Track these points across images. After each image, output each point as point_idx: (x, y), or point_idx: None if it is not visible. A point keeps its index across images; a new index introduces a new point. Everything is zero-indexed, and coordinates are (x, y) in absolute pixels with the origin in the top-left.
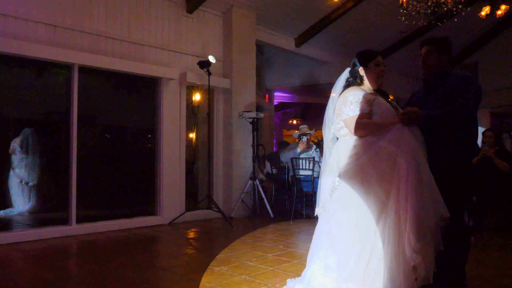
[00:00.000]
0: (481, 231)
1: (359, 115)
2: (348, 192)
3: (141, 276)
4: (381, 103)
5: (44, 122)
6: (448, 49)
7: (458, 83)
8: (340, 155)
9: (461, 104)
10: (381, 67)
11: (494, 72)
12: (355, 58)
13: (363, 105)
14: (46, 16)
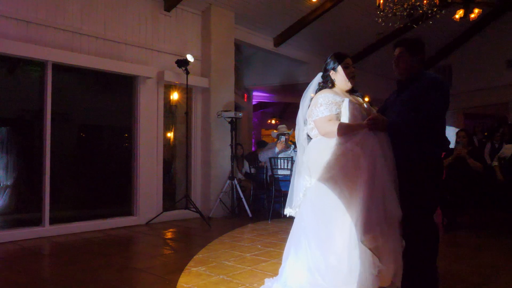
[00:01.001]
0: (455, 229)
1: (327, 116)
2: (319, 192)
3: (117, 277)
4: (350, 105)
5: (17, 120)
6: (419, 50)
7: (427, 85)
8: (311, 156)
9: (428, 112)
10: (350, 69)
11: (467, 74)
12: (326, 62)
13: (332, 106)
14: (18, 12)
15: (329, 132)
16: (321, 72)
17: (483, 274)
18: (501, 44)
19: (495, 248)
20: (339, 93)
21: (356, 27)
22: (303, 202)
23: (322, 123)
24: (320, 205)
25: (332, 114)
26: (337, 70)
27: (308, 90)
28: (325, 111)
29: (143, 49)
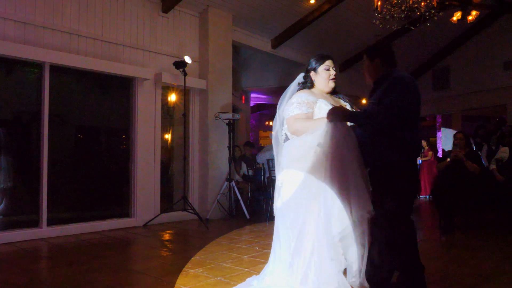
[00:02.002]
0: (451, 231)
1: (296, 115)
2: (290, 189)
3: (115, 279)
4: (323, 106)
5: (14, 122)
6: (377, 54)
7: (390, 84)
8: (284, 154)
9: (388, 103)
10: (330, 72)
11: (465, 76)
12: (308, 62)
13: (302, 106)
14: (16, 13)
15: (296, 130)
16: (303, 72)
17: (480, 276)
18: (498, 46)
19: (492, 250)
20: (316, 94)
21: (354, 29)
22: (279, 200)
23: (290, 122)
24: (288, 205)
25: (301, 113)
26: (317, 71)
27: (287, 91)
28: (295, 110)
29: (141, 51)
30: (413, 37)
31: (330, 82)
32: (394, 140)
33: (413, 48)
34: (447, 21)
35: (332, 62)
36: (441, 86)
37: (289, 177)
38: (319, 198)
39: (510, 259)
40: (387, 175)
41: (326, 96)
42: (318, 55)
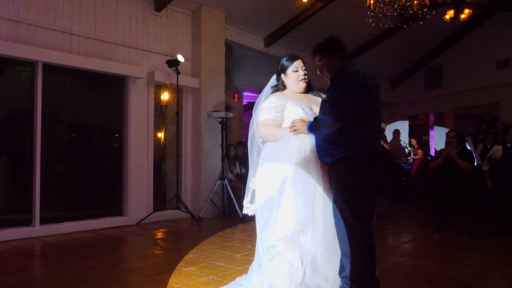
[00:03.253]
0: (445, 230)
1: (264, 121)
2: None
3: (107, 277)
4: (292, 108)
5: (7, 121)
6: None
7: (337, 83)
8: (256, 159)
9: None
10: (299, 72)
11: (458, 74)
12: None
13: (270, 111)
14: (8, 12)
15: (263, 137)
16: (275, 74)
17: (473, 275)
18: (491, 44)
19: (485, 248)
20: (289, 96)
21: (347, 28)
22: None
23: (259, 127)
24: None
25: (268, 119)
26: (286, 73)
27: (262, 94)
28: (263, 115)
29: (134, 49)
30: (405, 35)
31: (300, 83)
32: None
33: (405, 46)
34: (439, 20)
35: (302, 62)
36: (434, 85)
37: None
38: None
39: (503, 258)
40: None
41: (299, 96)
42: (287, 56)
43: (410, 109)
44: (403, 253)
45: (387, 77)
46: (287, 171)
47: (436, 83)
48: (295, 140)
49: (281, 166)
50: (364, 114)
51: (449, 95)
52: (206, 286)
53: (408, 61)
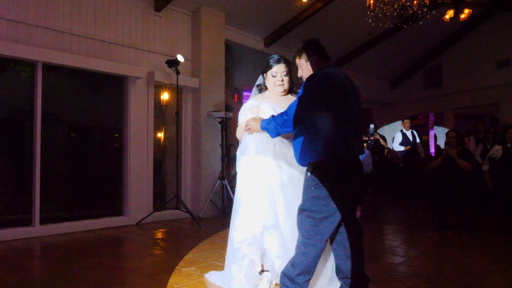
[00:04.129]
0: (445, 230)
1: (240, 124)
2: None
3: (107, 277)
4: (266, 110)
5: (7, 121)
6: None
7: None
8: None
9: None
10: (277, 78)
11: (458, 75)
12: None
13: (245, 113)
14: (8, 12)
15: (238, 138)
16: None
17: (472, 274)
18: (491, 44)
19: (485, 248)
20: (267, 97)
21: (347, 28)
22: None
23: (237, 129)
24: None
25: (244, 121)
26: (266, 75)
27: (252, 93)
28: (240, 118)
29: (133, 49)
30: (405, 35)
31: (277, 87)
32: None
33: (405, 46)
34: (439, 20)
35: (283, 67)
36: (434, 85)
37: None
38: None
39: (503, 258)
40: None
41: (278, 98)
42: (273, 57)
43: (410, 109)
44: (403, 253)
45: (387, 77)
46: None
47: (436, 83)
48: (251, 139)
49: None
50: (326, 118)
51: (449, 95)
52: (206, 286)
53: (408, 61)
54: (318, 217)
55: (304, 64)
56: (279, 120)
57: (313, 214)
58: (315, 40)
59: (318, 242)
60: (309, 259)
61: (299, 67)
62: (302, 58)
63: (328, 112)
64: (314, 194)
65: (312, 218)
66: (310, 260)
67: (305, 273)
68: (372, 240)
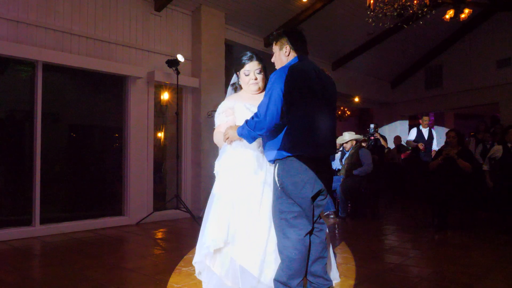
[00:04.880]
0: (445, 229)
1: (217, 127)
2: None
3: (107, 277)
4: (240, 110)
5: (7, 120)
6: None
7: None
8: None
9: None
10: (251, 76)
11: (458, 74)
12: None
13: (221, 116)
14: (9, 12)
15: (216, 143)
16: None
17: (472, 274)
18: (491, 44)
19: (485, 248)
20: (242, 97)
21: (347, 27)
22: None
23: (214, 133)
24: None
25: (220, 124)
26: (239, 74)
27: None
28: (217, 121)
29: (133, 49)
30: (405, 35)
31: (250, 86)
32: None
33: (405, 46)
34: (439, 19)
35: (256, 64)
36: (434, 85)
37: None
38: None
39: (503, 258)
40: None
41: (255, 97)
42: (242, 55)
43: (410, 109)
44: (403, 253)
45: (387, 77)
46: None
47: (436, 83)
48: (229, 149)
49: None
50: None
51: (449, 95)
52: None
53: (408, 61)
54: (290, 217)
55: (277, 51)
56: (251, 124)
57: (284, 215)
58: (295, 30)
59: (298, 242)
60: (294, 262)
61: (274, 52)
62: (277, 45)
63: (291, 111)
64: (281, 194)
65: (285, 220)
66: (297, 262)
67: (295, 275)
68: (372, 240)
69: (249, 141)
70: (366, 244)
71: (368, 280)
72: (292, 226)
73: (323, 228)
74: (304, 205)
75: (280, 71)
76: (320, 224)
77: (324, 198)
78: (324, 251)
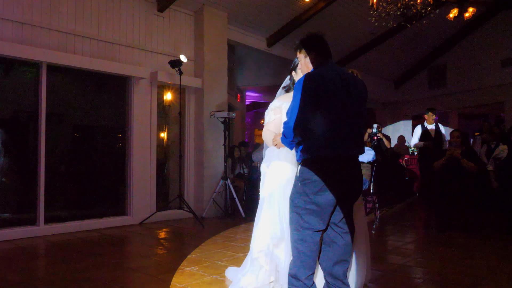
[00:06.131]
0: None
1: (266, 124)
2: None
3: (111, 276)
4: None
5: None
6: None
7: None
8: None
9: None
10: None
11: (462, 74)
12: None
13: (270, 114)
14: (14, 13)
15: (264, 140)
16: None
17: (476, 276)
18: (495, 43)
19: (488, 249)
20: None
21: (350, 27)
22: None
23: (263, 130)
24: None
25: (269, 122)
26: (296, 71)
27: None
28: (266, 118)
29: (137, 50)
30: (409, 34)
31: None
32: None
33: (409, 45)
34: (443, 18)
35: None
36: (438, 84)
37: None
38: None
39: (507, 259)
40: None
41: None
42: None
43: (413, 108)
44: (406, 253)
45: (391, 77)
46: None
47: (440, 82)
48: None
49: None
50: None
51: (453, 94)
52: (208, 286)
53: (411, 61)
54: (303, 212)
55: (302, 59)
56: (284, 131)
57: (298, 210)
58: (317, 36)
59: (307, 236)
60: (303, 255)
61: (299, 60)
62: (301, 53)
63: (316, 114)
64: (300, 190)
65: (298, 214)
66: (305, 255)
67: (304, 269)
68: (376, 241)
69: (289, 147)
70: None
71: (371, 280)
72: (304, 221)
73: (350, 231)
74: (322, 204)
75: (306, 77)
76: (347, 226)
77: (347, 199)
78: (348, 255)
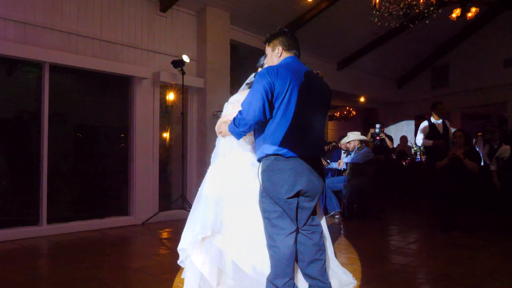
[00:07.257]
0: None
1: (222, 116)
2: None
3: (113, 277)
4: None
5: (14, 121)
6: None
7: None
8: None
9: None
10: None
11: (465, 74)
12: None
13: (227, 106)
14: (16, 14)
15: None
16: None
17: (479, 276)
18: (498, 43)
19: (491, 249)
20: None
21: (352, 27)
22: None
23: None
24: None
25: (225, 114)
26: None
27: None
28: (223, 111)
29: (139, 50)
30: (411, 34)
31: None
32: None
33: (411, 46)
34: (446, 18)
35: None
36: (440, 84)
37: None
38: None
39: (510, 259)
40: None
41: None
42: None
43: (416, 108)
44: (409, 253)
45: (393, 77)
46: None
47: (443, 82)
48: (224, 142)
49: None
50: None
51: (456, 94)
52: None
53: (414, 61)
54: (272, 217)
55: (270, 52)
56: (236, 121)
57: (267, 214)
58: (288, 32)
59: (280, 242)
60: (278, 261)
61: (266, 53)
62: (270, 46)
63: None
64: (263, 193)
65: (267, 219)
66: (280, 262)
67: (281, 276)
68: (378, 241)
69: (237, 137)
70: (372, 245)
71: (374, 280)
72: (274, 226)
73: (316, 231)
74: (283, 205)
75: (266, 70)
76: (312, 226)
77: (310, 200)
78: (319, 254)
